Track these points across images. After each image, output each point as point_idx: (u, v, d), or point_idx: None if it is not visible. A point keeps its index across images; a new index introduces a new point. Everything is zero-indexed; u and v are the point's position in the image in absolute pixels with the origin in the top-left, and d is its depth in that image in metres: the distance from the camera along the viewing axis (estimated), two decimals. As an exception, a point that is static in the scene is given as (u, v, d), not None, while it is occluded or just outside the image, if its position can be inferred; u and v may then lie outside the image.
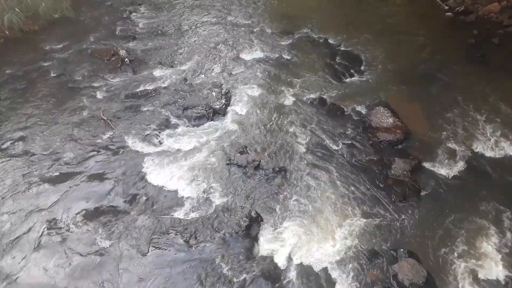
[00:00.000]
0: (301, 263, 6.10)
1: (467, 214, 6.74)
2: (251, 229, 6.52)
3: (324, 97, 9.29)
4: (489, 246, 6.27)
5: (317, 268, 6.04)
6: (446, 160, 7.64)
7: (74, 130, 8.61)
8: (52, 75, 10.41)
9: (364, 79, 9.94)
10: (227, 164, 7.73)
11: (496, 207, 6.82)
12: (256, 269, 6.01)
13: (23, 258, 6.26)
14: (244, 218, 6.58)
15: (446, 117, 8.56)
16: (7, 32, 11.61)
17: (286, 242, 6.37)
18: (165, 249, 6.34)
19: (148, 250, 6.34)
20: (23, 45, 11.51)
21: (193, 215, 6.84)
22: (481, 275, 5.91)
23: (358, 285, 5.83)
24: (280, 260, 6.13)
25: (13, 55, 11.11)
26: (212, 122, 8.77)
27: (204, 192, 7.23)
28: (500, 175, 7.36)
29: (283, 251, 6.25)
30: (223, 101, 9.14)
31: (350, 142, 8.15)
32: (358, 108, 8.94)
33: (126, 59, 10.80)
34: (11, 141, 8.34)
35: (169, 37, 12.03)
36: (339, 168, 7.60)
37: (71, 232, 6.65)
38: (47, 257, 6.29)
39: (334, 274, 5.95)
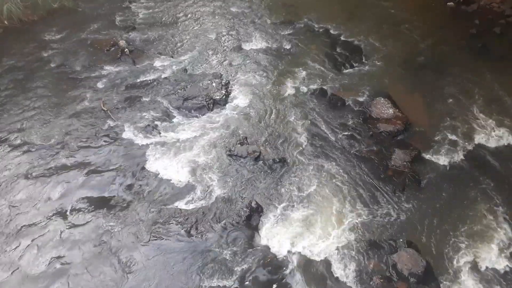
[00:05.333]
0: (301, 253, 6.15)
1: (467, 205, 6.78)
2: (251, 219, 6.56)
3: (325, 87, 9.27)
4: (488, 236, 6.31)
5: (317, 258, 6.08)
6: (446, 151, 7.65)
7: (74, 121, 8.61)
8: (52, 65, 10.37)
9: (364, 69, 9.90)
10: (228, 155, 7.75)
11: (495, 198, 6.85)
12: (256, 259, 6.06)
13: (25, 248, 6.31)
14: (244, 209, 6.63)
15: (446, 108, 8.56)
16: (6, 22, 11.54)
17: (286, 232, 6.41)
18: (166, 239, 6.39)
19: (149, 240, 6.39)
20: (23, 35, 11.44)
21: (193, 205, 6.88)
22: (480, 265, 5.96)
23: (357, 274, 5.88)
24: (281, 250, 6.18)
25: (12, 45, 11.05)
26: (212, 112, 8.77)
27: (204, 182, 7.25)
28: (499, 165, 7.37)
29: (283, 241, 6.29)
30: (223, 92, 9.12)
31: (350, 133, 8.15)
32: (359, 99, 8.92)
33: (126, 50, 10.74)
34: (11, 132, 8.35)
35: (169, 27, 11.96)
36: (339, 159, 7.62)
37: (72, 222, 6.69)
38: (48, 247, 6.34)
39: (334, 263, 6.00)
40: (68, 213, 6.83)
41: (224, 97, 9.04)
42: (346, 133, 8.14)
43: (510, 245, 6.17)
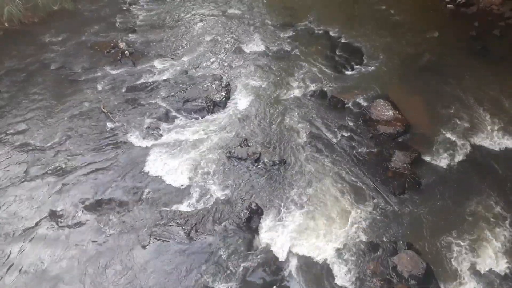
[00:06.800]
0: (301, 255, 6.15)
1: (467, 207, 6.77)
2: (251, 221, 6.56)
3: (325, 89, 9.27)
4: (488, 238, 6.31)
5: (316, 260, 6.08)
6: (446, 153, 7.66)
7: (74, 122, 8.62)
8: (52, 67, 10.37)
9: (364, 71, 9.91)
10: (227, 157, 7.75)
11: (495, 200, 6.85)
12: (256, 261, 6.06)
13: (25, 250, 6.31)
14: (244, 211, 6.62)
15: (446, 110, 8.56)
16: (6, 25, 11.54)
17: (286, 234, 6.41)
18: (166, 241, 6.38)
19: (149, 242, 6.38)
20: (23, 37, 11.45)
21: (193, 207, 6.88)
22: (480, 267, 5.96)
23: (357, 276, 5.87)
24: (280, 252, 6.18)
25: (13, 47, 11.05)
26: (212, 114, 8.77)
27: (204, 184, 7.25)
28: (499, 168, 7.37)
29: (283, 243, 6.29)
30: (223, 94, 9.12)
31: (350, 134, 8.16)
32: (359, 101, 8.93)
33: (126, 52, 10.76)
34: (11, 134, 8.35)
35: (169, 30, 11.97)
36: (339, 160, 7.62)
37: (72, 224, 6.69)
38: (48, 249, 6.33)
39: (334, 266, 6.00)
40: (67, 215, 6.82)
41: (224, 99, 9.04)
42: (346, 135, 8.14)
43: (510, 247, 6.17)
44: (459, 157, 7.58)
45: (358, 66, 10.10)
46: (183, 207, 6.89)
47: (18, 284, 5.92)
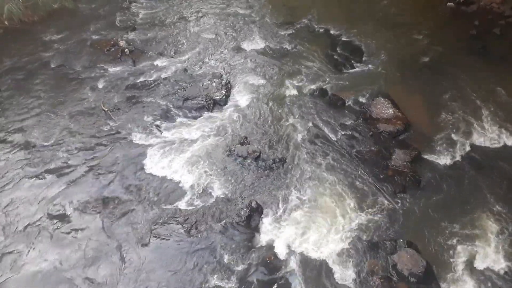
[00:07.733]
0: (301, 253, 6.15)
1: (466, 205, 6.78)
2: (251, 219, 6.56)
3: (325, 87, 9.27)
4: (488, 236, 6.31)
5: (316, 258, 6.09)
6: (446, 151, 7.66)
7: (74, 121, 8.62)
8: (52, 66, 10.37)
9: (364, 69, 9.90)
10: (228, 155, 7.75)
11: (495, 198, 6.85)
12: (256, 259, 6.07)
13: (26, 248, 6.31)
14: (244, 209, 6.63)
15: (446, 108, 8.56)
16: (6, 23, 11.52)
17: (286, 232, 6.42)
18: (166, 239, 6.39)
19: (149, 240, 6.39)
20: (23, 36, 11.44)
21: (193, 205, 6.88)
22: (479, 265, 5.97)
23: (357, 274, 5.88)
24: (280, 250, 6.19)
25: (12, 46, 11.04)
26: (213, 113, 8.77)
27: (204, 183, 7.25)
28: (498, 166, 7.38)
29: (283, 241, 6.30)
30: (224, 92, 9.12)
31: (350, 133, 8.15)
32: (359, 99, 8.92)
33: (126, 50, 10.75)
34: (12, 132, 8.36)
35: (169, 28, 11.96)
36: (339, 159, 7.62)
37: (73, 222, 6.69)
38: (49, 247, 6.35)
39: (334, 264, 6.00)
40: (67, 213, 6.83)
41: (224, 97, 9.04)
42: (346, 133, 8.14)
43: (509, 245, 6.18)
44: (459, 155, 7.58)
45: (358, 64, 10.09)
46: (183, 205, 6.90)
47: (18, 283, 5.93)
